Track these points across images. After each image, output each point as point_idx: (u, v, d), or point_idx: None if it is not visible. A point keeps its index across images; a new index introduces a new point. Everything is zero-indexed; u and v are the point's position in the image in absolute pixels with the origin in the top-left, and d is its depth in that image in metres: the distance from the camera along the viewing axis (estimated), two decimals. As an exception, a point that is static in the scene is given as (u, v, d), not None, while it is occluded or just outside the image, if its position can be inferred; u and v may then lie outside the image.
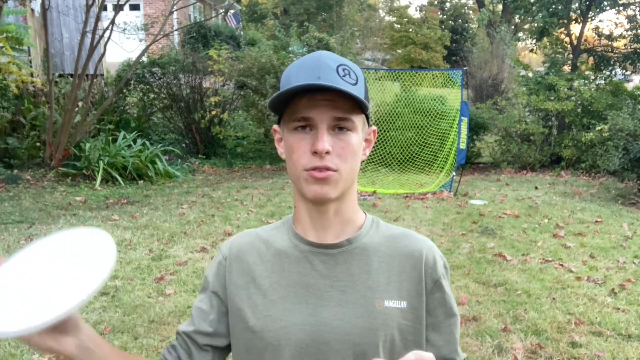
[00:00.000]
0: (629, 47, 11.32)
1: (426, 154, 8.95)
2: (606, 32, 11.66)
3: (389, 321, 0.95)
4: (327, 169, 0.90)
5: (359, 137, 0.94)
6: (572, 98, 9.97)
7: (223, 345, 1.03)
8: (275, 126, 1.00)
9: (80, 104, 8.89)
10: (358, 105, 0.90)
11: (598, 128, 9.67)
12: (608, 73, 11.22)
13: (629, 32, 11.31)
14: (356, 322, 0.94)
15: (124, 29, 10.22)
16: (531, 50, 14.90)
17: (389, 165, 9.02)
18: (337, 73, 0.89)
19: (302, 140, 0.90)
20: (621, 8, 11.34)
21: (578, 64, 11.08)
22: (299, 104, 0.89)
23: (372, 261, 0.98)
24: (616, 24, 11.79)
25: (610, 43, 11.55)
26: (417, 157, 9.02)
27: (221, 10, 20.01)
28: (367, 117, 0.97)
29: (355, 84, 0.90)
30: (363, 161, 0.98)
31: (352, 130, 0.91)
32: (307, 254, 0.98)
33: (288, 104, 0.91)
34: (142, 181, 7.89)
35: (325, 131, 0.89)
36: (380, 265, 0.98)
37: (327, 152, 0.89)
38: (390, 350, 0.96)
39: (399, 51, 28.02)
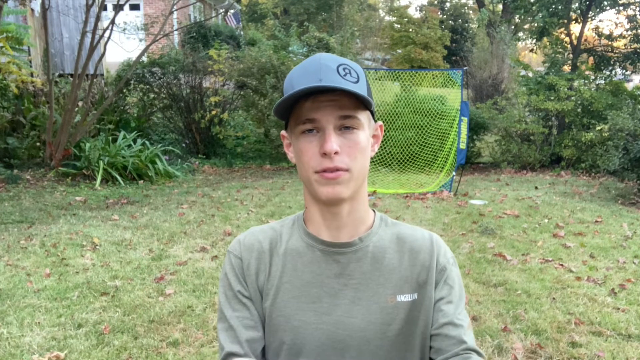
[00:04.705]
0: (629, 47, 11.32)
1: (426, 153, 8.94)
2: (606, 32, 11.68)
3: (401, 315, 0.98)
4: (338, 169, 0.91)
5: (366, 134, 0.95)
6: (572, 98, 9.96)
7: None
8: (283, 132, 1.02)
9: (80, 104, 8.89)
10: (362, 103, 0.91)
11: (598, 128, 9.66)
12: (608, 73, 11.22)
13: (629, 32, 11.32)
14: (370, 319, 0.96)
15: (124, 29, 10.23)
16: (531, 50, 14.91)
17: (389, 165, 9.02)
18: (337, 73, 0.90)
19: (310, 142, 0.91)
20: (621, 8, 11.35)
21: (578, 64, 11.08)
22: (304, 108, 0.90)
23: (383, 258, 1.00)
24: (616, 24, 11.81)
25: (610, 43, 11.55)
26: (417, 157, 9.02)
27: (221, 10, 20.01)
28: (372, 114, 0.98)
29: (357, 82, 0.91)
30: (372, 157, 1.00)
31: (358, 128, 0.92)
32: (321, 253, 0.99)
33: (293, 109, 0.92)
34: (142, 181, 7.89)
35: (332, 132, 0.90)
36: (391, 262, 1.00)
37: (336, 152, 0.90)
38: (403, 342, 0.99)
39: (399, 51, 27.99)
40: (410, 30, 27.95)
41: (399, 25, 29.32)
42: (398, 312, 0.97)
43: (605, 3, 11.27)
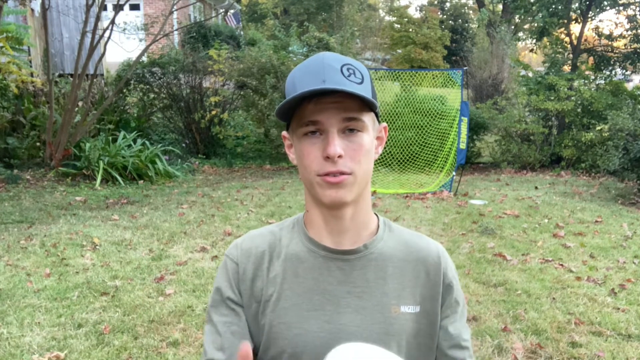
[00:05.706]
0: (629, 47, 11.33)
1: (426, 153, 8.95)
2: (606, 32, 11.69)
3: (405, 326, 0.96)
4: (341, 173, 0.88)
5: (370, 137, 0.92)
6: (572, 98, 9.96)
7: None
8: (284, 133, 0.99)
9: (80, 104, 8.89)
10: (366, 104, 0.89)
11: (598, 128, 9.67)
12: (608, 73, 11.23)
13: (629, 32, 11.33)
14: (373, 328, 0.94)
15: (124, 29, 10.23)
16: (531, 50, 14.92)
17: (389, 165, 9.02)
18: (341, 74, 0.88)
19: (313, 145, 0.89)
20: (621, 8, 11.36)
21: (578, 64, 11.08)
22: (307, 109, 0.88)
23: (387, 267, 0.97)
24: (616, 24, 11.83)
25: (610, 43, 11.56)
26: (417, 157, 9.02)
27: (221, 10, 20.01)
28: (377, 115, 0.96)
29: (361, 82, 0.89)
30: (376, 160, 0.97)
31: (362, 131, 0.90)
32: (323, 259, 0.96)
33: (295, 110, 0.90)
34: (142, 181, 7.89)
35: (335, 134, 0.87)
36: (395, 271, 0.97)
37: (340, 156, 0.87)
38: (406, 354, 0.97)
39: (399, 51, 27.99)
40: (410, 30, 27.95)
41: (399, 25, 29.32)
42: (401, 322, 0.95)
43: (605, 3, 11.28)
